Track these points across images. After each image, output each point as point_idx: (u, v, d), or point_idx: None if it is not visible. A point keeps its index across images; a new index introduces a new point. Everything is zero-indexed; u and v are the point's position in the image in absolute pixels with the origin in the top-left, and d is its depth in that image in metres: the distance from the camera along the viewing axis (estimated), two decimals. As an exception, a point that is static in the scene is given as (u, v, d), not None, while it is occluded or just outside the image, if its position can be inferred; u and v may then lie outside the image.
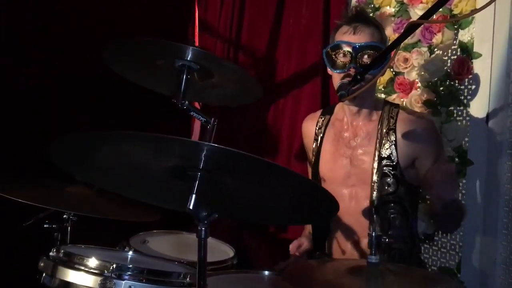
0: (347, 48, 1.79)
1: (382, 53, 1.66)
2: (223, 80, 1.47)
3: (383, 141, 1.85)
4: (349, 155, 1.92)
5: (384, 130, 1.86)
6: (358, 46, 1.77)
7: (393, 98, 2.41)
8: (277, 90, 2.97)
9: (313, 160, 2.02)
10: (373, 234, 1.33)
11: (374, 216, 1.80)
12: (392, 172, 1.83)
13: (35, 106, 2.73)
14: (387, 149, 1.84)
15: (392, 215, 1.84)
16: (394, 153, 1.83)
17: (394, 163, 1.83)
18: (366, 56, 1.78)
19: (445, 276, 1.90)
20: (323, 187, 1.42)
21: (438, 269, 2.24)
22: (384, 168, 1.83)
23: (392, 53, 1.69)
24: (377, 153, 1.85)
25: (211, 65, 1.39)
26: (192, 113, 1.36)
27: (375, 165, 1.84)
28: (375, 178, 1.84)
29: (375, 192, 1.83)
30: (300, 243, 2.00)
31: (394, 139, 1.84)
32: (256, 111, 2.98)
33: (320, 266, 1.53)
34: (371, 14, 2.49)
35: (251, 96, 1.61)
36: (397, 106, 1.94)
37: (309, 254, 2.02)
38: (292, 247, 1.99)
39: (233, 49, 3.15)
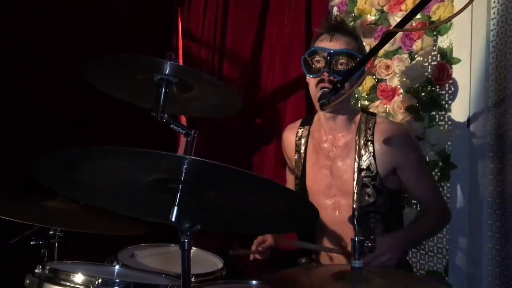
0: (322, 54, 1.83)
1: (360, 61, 1.69)
2: (202, 93, 1.49)
3: (362, 152, 1.87)
4: (329, 166, 1.93)
5: (362, 141, 1.88)
6: (332, 51, 1.81)
7: (376, 104, 2.44)
8: (262, 99, 3.00)
9: (299, 173, 2.02)
10: (356, 239, 1.34)
11: (356, 227, 1.82)
12: (372, 183, 1.86)
13: (19, 119, 2.73)
14: (365, 160, 1.86)
15: (372, 224, 1.86)
16: (373, 164, 1.86)
17: (373, 174, 1.86)
18: (340, 62, 1.80)
19: (430, 279, 1.92)
20: (301, 195, 1.43)
21: (426, 273, 2.26)
22: (364, 179, 1.86)
23: (370, 61, 1.73)
24: (356, 165, 1.87)
25: (189, 78, 1.41)
26: (172, 126, 1.37)
27: (355, 176, 1.86)
28: (355, 189, 1.86)
29: (355, 203, 1.85)
30: (264, 239, 1.98)
31: (372, 150, 1.86)
32: (242, 120, 3.00)
33: (306, 272, 1.55)
34: (352, 23, 2.53)
35: (230, 107, 1.63)
36: (374, 115, 1.95)
37: (295, 261, 2.02)
38: (255, 242, 1.97)
39: (218, 59, 3.17)
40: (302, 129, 2.06)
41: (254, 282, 1.77)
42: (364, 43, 2.07)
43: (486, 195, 2.09)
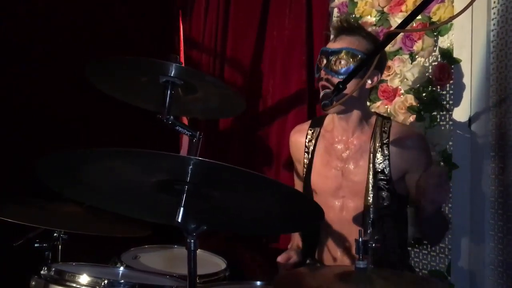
0: (324, 54, 1.85)
1: (362, 62, 1.69)
2: (206, 95, 1.50)
3: (377, 156, 1.86)
4: (341, 168, 1.92)
5: (378, 145, 1.87)
6: (330, 50, 1.82)
7: (378, 105, 2.45)
8: (264, 102, 3.00)
9: (304, 172, 2.01)
10: (360, 240, 1.35)
11: (370, 229, 1.82)
12: (387, 186, 1.84)
13: (19, 119, 2.73)
14: (380, 163, 1.85)
15: (386, 228, 1.86)
16: (388, 168, 1.85)
17: (388, 177, 1.84)
18: (338, 61, 1.79)
19: (434, 279, 1.93)
20: (306, 195, 1.43)
21: (428, 272, 2.26)
22: (379, 182, 1.85)
23: (374, 62, 1.73)
24: (371, 167, 1.86)
25: (194, 80, 1.42)
26: (177, 127, 1.38)
27: (371, 179, 1.85)
28: (370, 192, 1.85)
29: (371, 207, 1.84)
30: (289, 256, 1.95)
31: (388, 153, 1.85)
32: (244, 123, 3.01)
33: (310, 273, 1.55)
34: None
35: (234, 109, 1.64)
36: (389, 119, 1.95)
37: (300, 262, 2.02)
38: (281, 259, 1.92)
39: (219, 63, 3.18)
40: (312, 130, 2.04)
41: (258, 282, 1.78)
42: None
43: (488, 194, 2.10)
